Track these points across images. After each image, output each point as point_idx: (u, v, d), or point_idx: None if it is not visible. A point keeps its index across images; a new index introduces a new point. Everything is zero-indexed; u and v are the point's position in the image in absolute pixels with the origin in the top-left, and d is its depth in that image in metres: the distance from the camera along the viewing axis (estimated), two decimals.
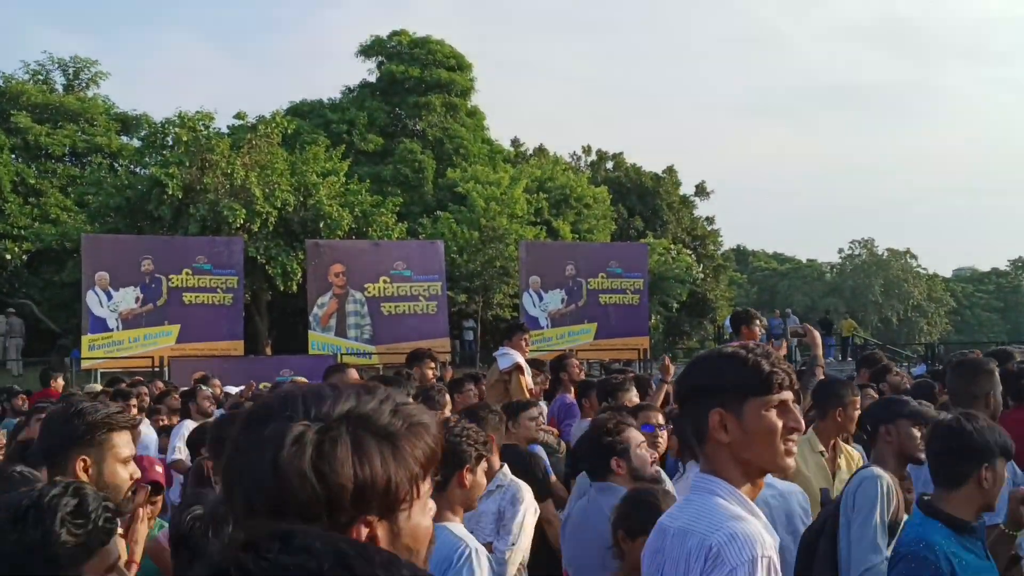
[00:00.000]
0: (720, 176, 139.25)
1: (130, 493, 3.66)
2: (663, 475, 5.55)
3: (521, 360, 9.66)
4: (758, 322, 9.43)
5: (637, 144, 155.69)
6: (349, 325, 27.50)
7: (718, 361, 2.78)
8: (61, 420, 3.64)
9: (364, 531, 1.47)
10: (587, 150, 59.85)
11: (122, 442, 3.64)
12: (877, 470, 4.76)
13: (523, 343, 9.83)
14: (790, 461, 2.72)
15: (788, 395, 2.73)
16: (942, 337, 78.71)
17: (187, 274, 26.80)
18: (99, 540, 2.62)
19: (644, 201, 53.91)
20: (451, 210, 37.86)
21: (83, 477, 3.47)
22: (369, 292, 27.71)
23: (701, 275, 48.67)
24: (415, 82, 44.56)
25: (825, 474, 6.15)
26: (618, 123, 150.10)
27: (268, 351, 32.78)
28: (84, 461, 3.55)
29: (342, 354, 25.72)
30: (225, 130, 38.27)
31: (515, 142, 56.05)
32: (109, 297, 26.14)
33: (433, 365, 9.58)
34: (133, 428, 3.74)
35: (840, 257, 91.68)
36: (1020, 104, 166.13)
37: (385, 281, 27.85)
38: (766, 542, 2.55)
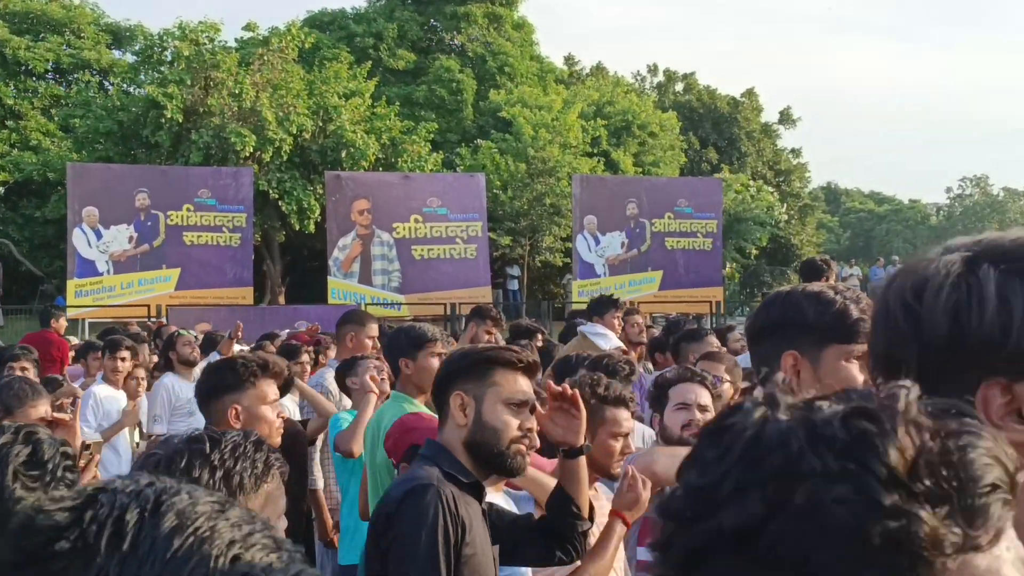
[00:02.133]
0: (808, 102, 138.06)
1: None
2: None
3: (620, 345, 9.20)
4: (833, 273, 9.40)
5: (712, 63, 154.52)
6: (375, 271, 27.50)
7: (800, 298, 2.77)
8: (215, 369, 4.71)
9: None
10: (653, 69, 59.41)
11: (270, 389, 4.55)
12: None
13: (615, 323, 9.56)
14: None
15: None
16: None
17: (188, 210, 26.84)
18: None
19: (719, 129, 53.49)
20: (494, 138, 37.71)
21: (235, 423, 4.30)
22: (398, 233, 27.67)
23: (785, 216, 48.31)
24: None
25: None
26: (690, 38, 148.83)
27: (281, 300, 32.94)
28: (235, 408, 4.41)
29: (366, 304, 25.66)
30: (232, 44, 38.13)
31: (569, 60, 55.69)
32: (99, 236, 26.23)
33: (493, 331, 8.84)
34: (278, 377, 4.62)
35: (948, 197, 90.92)
36: None
37: (417, 220, 27.80)
38: None
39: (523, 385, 3.84)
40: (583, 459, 4.08)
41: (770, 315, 2.79)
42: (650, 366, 9.90)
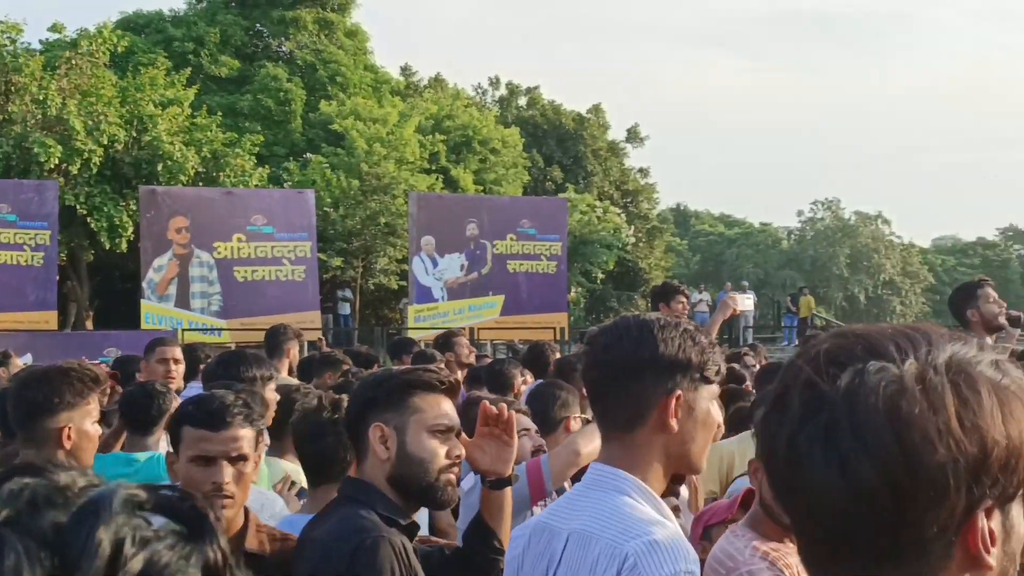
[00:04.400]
0: (657, 120, 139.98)
1: None
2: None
3: None
4: (682, 298, 9.63)
5: (557, 77, 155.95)
6: (193, 294, 27.03)
7: (675, 334, 2.82)
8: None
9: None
10: (495, 82, 59.61)
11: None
12: None
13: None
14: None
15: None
16: (918, 319, 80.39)
17: None
18: None
19: (564, 147, 53.91)
20: (324, 152, 37.61)
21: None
22: (219, 253, 27.24)
23: (632, 239, 48.91)
24: None
25: None
26: (534, 50, 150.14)
27: (89, 324, 32.30)
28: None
29: (183, 330, 25.20)
30: (37, 46, 37.47)
31: (406, 70, 55.56)
32: None
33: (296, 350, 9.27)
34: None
35: (799, 221, 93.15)
36: (1015, 44, 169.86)
37: (240, 239, 27.41)
38: (690, 555, 2.62)
39: (447, 408, 3.70)
40: (509, 491, 3.94)
41: (644, 348, 2.81)
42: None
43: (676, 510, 4.74)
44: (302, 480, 5.13)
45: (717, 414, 2.90)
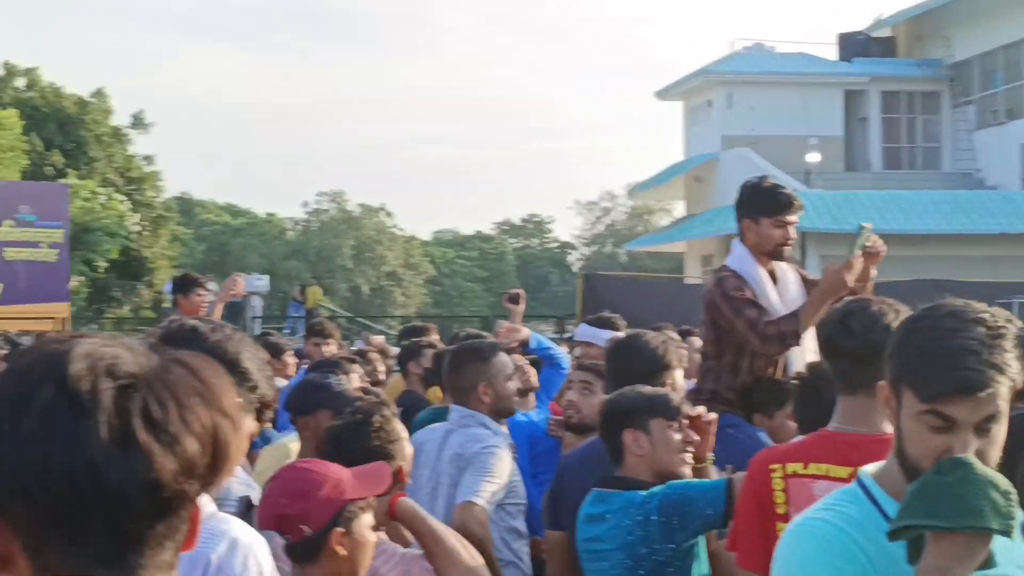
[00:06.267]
0: (164, 106, 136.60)
1: None
2: None
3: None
4: (201, 291, 9.78)
5: (58, 58, 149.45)
6: None
7: None
8: None
9: None
10: None
11: None
12: None
13: None
14: None
15: None
16: (419, 310, 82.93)
17: None
18: None
19: (65, 131, 52.07)
20: None
21: None
22: None
23: (137, 227, 47.98)
24: None
25: None
26: (34, 29, 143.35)
27: None
28: None
29: None
30: None
31: None
32: None
33: None
34: None
35: (305, 212, 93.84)
36: (516, 45, 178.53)
37: None
38: None
39: None
40: None
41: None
42: None
43: None
44: None
45: None
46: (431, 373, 8.16)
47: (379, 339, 13.02)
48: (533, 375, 7.52)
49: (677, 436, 4.63)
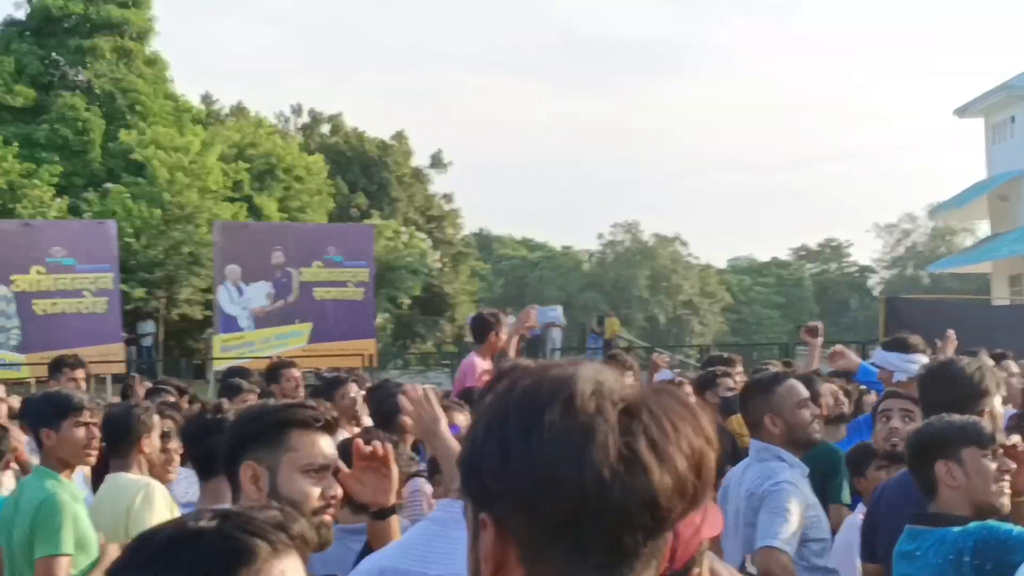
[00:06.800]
0: (460, 146, 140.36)
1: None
2: None
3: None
4: (503, 326, 9.64)
5: (360, 104, 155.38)
6: None
7: None
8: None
9: None
10: (298, 110, 59.36)
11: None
12: None
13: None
14: None
15: None
16: (717, 338, 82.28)
17: None
18: None
19: (369, 173, 53.93)
20: (125, 182, 36.94)
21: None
22: (18, 286, 26.51)
23: (438, 264, 49.13)
24: (78, 20, 43.31)
25: None
26: (336, 78, 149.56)
27: None
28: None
29: None
30: None
31: (207, 98, 54.91)
32: None
33: (79, 375, 9.38)
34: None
35: (600, 243, 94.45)
36: (803, 66, 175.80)
37: (39, 272, 26.71)
38: None
39: (324, 447, 3.58)
40: (395, 519, 3.96)
41: None
42: None
43: None
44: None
45: None
46: (728, 402, 8.03)
47: (665, 357, 13.20)
48: (844, 401, 7.30)
49: (992, 465, 4.35)
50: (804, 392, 5.76)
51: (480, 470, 1.55)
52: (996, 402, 5.36)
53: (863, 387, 8.31)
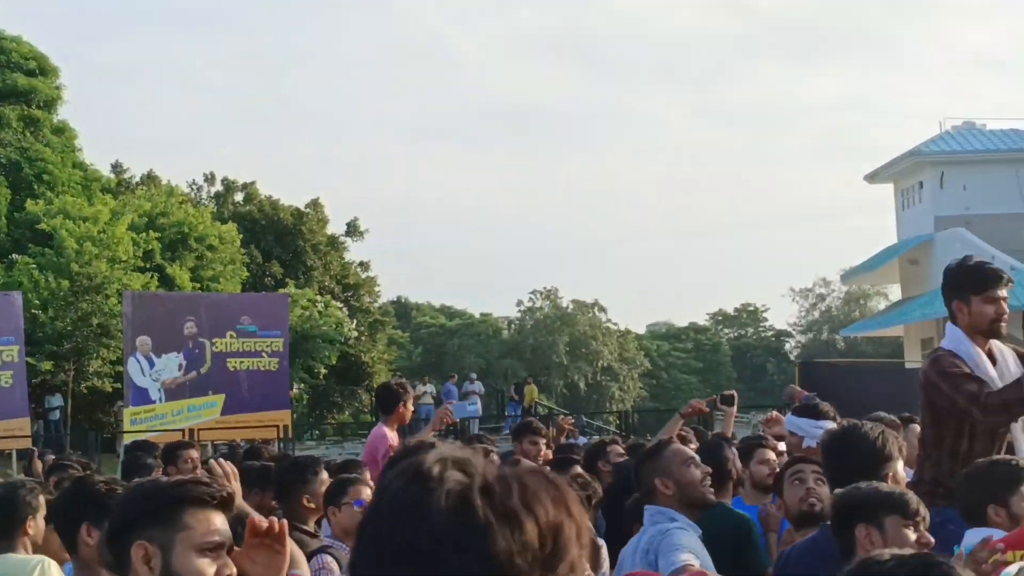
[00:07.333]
0: (376, 214, 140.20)
1: None
2: None
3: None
4: (410, 396, 9.99)
5: (273, 172, 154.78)
6: None
7: None
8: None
9: None
10: (210, 178, 58.94)
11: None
12: None
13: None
14: None
15: None
16: (636, 404, 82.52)
17: None
18: None
19: (283, 242, 53.64)
20: (32, 252, 36.68)
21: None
22: None
23: (355, 333, 48.94)
24: None
25: None
26: (250, 146, 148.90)
27: None
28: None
29: None
30: None
31: (117, 167, 54.39)
32: None
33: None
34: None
35: (519, 310, 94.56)
36: (719, 135, 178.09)
37: None
38: None
39: (219, 524, 3.48)
40: None
41: None
42: None
43: None
44: None
45: None
46: (620, 467, 8.29)
47: (570, 420, 13.65)
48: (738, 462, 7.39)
49: (913, 537, 4.38)
50: (690, 452, 5.88)
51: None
52: (899, 466, 5.39)
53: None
